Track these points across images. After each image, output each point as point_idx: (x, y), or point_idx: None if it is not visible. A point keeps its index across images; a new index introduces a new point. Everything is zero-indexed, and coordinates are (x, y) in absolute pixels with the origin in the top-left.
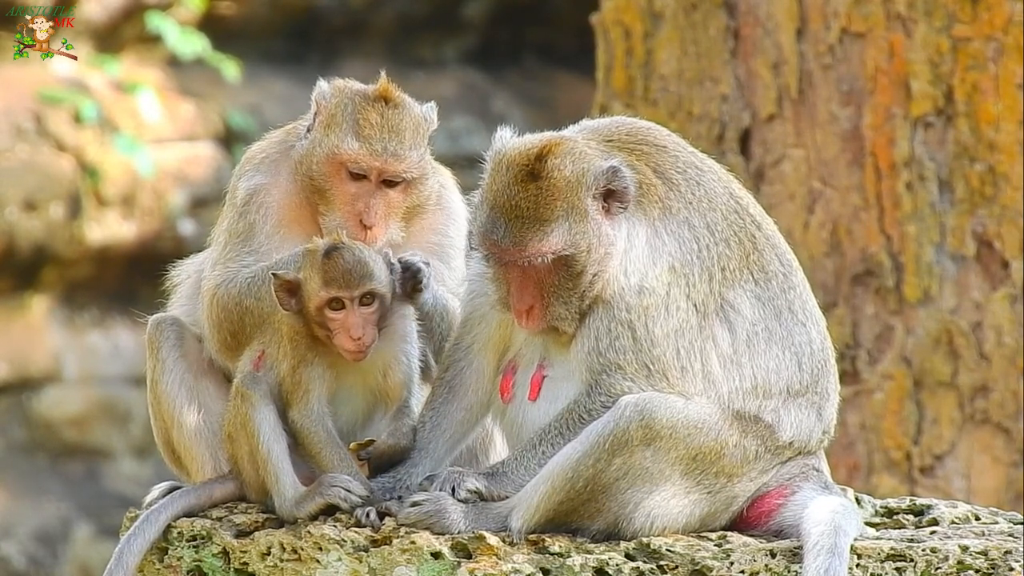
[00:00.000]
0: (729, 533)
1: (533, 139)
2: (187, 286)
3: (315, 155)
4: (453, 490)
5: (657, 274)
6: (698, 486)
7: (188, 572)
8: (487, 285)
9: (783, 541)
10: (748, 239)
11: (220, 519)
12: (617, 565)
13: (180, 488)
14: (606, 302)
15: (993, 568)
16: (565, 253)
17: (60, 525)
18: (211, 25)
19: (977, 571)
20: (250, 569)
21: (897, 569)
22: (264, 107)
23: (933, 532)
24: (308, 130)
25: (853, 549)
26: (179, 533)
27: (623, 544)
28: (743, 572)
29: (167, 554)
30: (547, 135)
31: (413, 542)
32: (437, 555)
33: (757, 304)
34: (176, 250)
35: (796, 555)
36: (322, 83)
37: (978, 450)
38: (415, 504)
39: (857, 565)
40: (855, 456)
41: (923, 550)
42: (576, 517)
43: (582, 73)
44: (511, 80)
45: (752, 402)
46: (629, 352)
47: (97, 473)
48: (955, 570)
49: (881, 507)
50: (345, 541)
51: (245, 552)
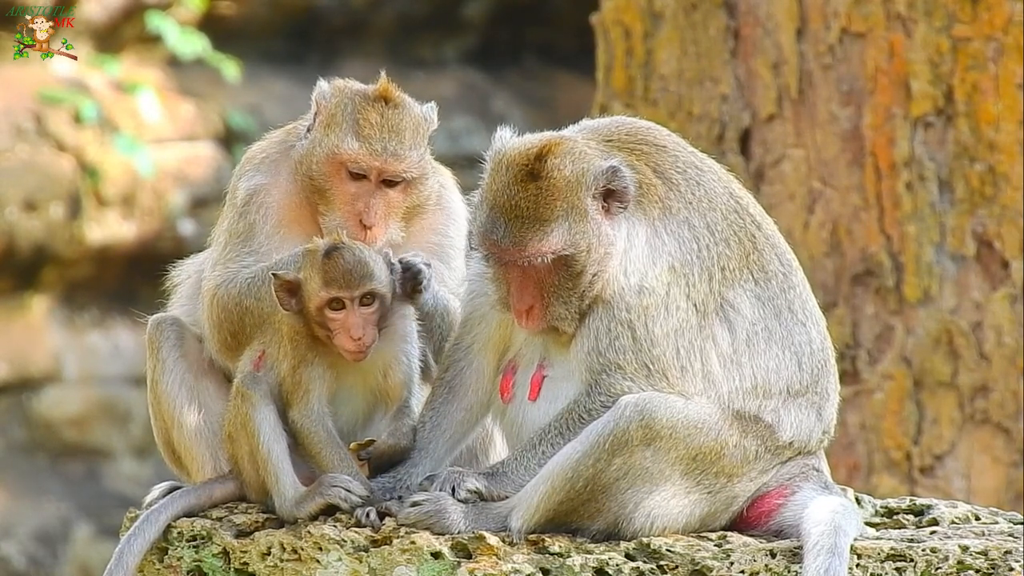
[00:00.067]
0: (729, 533)
1: (533, 139)
2: (187, 286)
3: (315, 155)
4: (453, 490)
5: (657, 274)
6: (698, 486)
7: (188, 572)
8: (487, 285)
9: (783, 541)
10: (748, 239)
11: (220, 519)
12: (617, 565)
13: (180, 488)
14: (606, 302)
15: (993, 568)
16: (565, 253)
17: (60, 525)
18: (211, 25)
19: (977, 571)
20: (250, 569)
21: (897, 569)
22: (264, 107)
23: (933, 532)
24: (308, 130)
25: (853, 549)
26: (179, 533)
27: (623, 544)
28: (743, 572)
29: (167, 554)
30: (547, 135)
31: (413, 542)
32: (437, 555)
33: (757, 304)
34: (176, 250)
35: (796, 555)
36: (322, 83)
37: (978, 450)
38: (415, 504)
39: (857, 565)
40: (855, 456)
41: (923, 550)
42: (576, 517)
43: (582, 73)
44: (511, 80)
45: (752, 402)
46: (629, 352)
47: (97, 473)
48: (955, 570)
49: (881, 507)
50: (345, 541)
51: (245, 552)
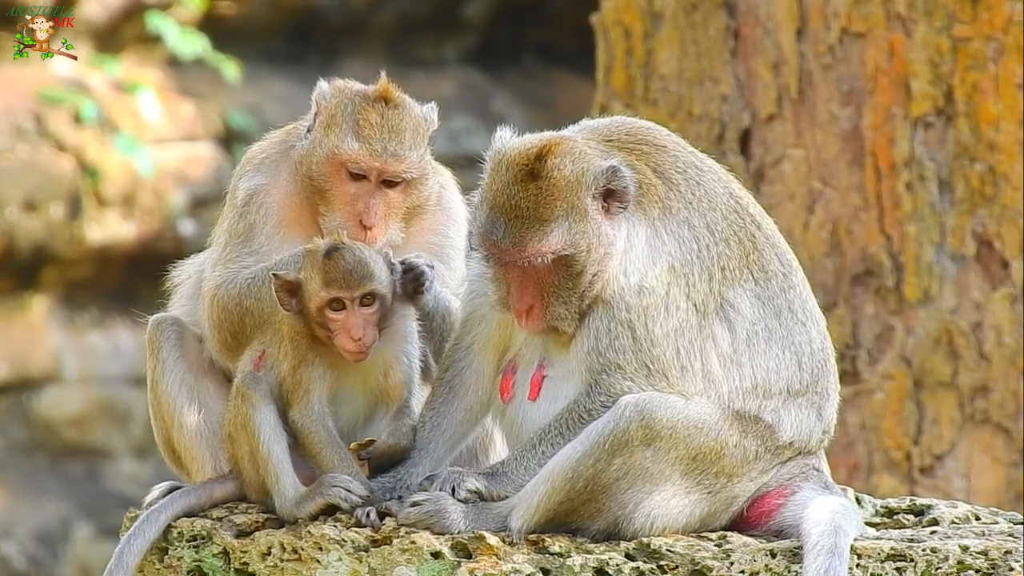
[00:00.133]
0: (729, 533)
1: (533, 139)
2: (188, 286)
3: (315, 155)
4: (453, 490)
5: (657, 274)
6: (698, 486)
7: (188, 572)
8: (487, 285)
9: (783, 541)
10: (748, 239)
11: (220, 519)
12: (617, 565)
13: (180, 488)
14: (606, 302)
15: (993, 568)
16: (565, 253)
17: (60, 525)
18: (211, 25)
19: (977, 571)
20: (250, 569)
21: (897, 569)
22: (264, 107)
23: (933, 532)
24: (308, 130)
25: (853, 549)
26: (179, 533)
27: (623, 544)
28: (743, 572)
29: (167, 554)
30: (547, 135)
31: (413, 542)
32: (437, 555)
33: (757, 304)
34: (176, 250)
35: (796, 555)
36: (322, 83)
37: (978, 450)
38: (415, 504)
39: (857, 565)
40: (855, 456)
41: (923, 550)
42: (576, 517)
43: (582, 73)
44: (511, 80)
45: (752, 402)
46: (629, 352)
47: (97, 473)
48: (955, 570)
49: (881, 507)
50: (345, 541)
51: (245, 552)
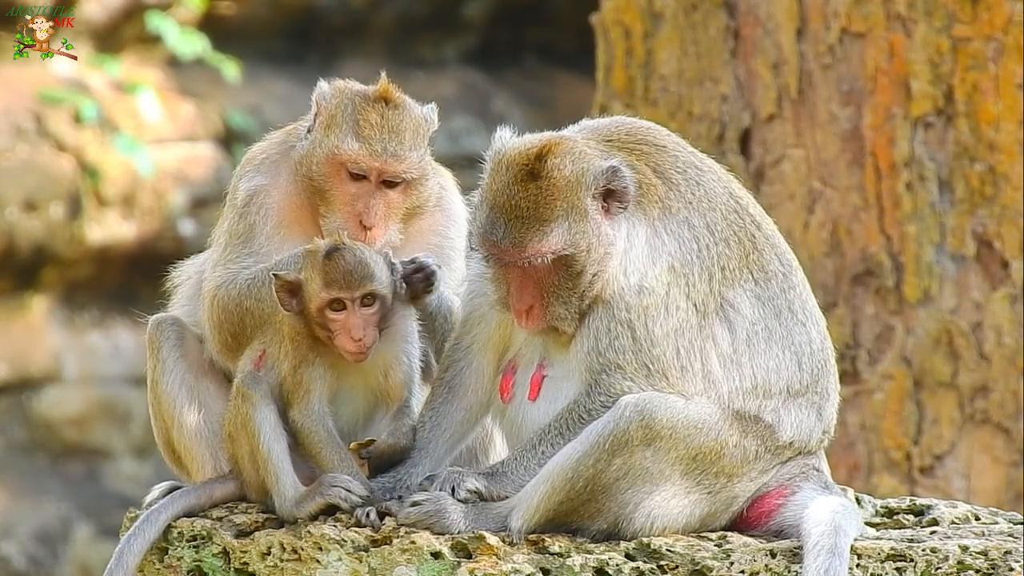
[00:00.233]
0: (729, 533)
1: (533, 139)
2: (188, 287)
3: (315, 156)
4: (453, 490)
5: (657, 274)
6: (698, 486)
7: (188, 572)
8: (487, 285)
9: (783, 541)
10: (748, 239)
11: (220, 519)
12: (617, 565)
13: (180, 488)
14: (606, 302)
15: (993, 568)
16: (565, 253)
17: (60, 525)
18: (211, 25)
19: (977, 571)
20: (250, 569)
21: (897, 569)
22: (264, 107)
23: (933, 532)
24: (308, 131)
25: (853, 549)
26: (179, 533)
27: (623, 544)
28: (743, 572)
29: (167, 554)
30: (547, 135)
31: (413, 542)
32: (437, 555)
33: (757, 304)
34: (176, 250)
35: (796, 555)
36: (322, 84)
37: (978, 450)
38: (415, 504)
39: (857, 565)
40: (855, 456)
41: (923, 550)
42: (576, 517)
43: (582, 73)
44: (511, 80)
45: (752, 402)
46: (629, 352)
47: (97, 473)
48: (955, 570)
49: (881, 507)
50: (345, 541)
51: (245, 552)
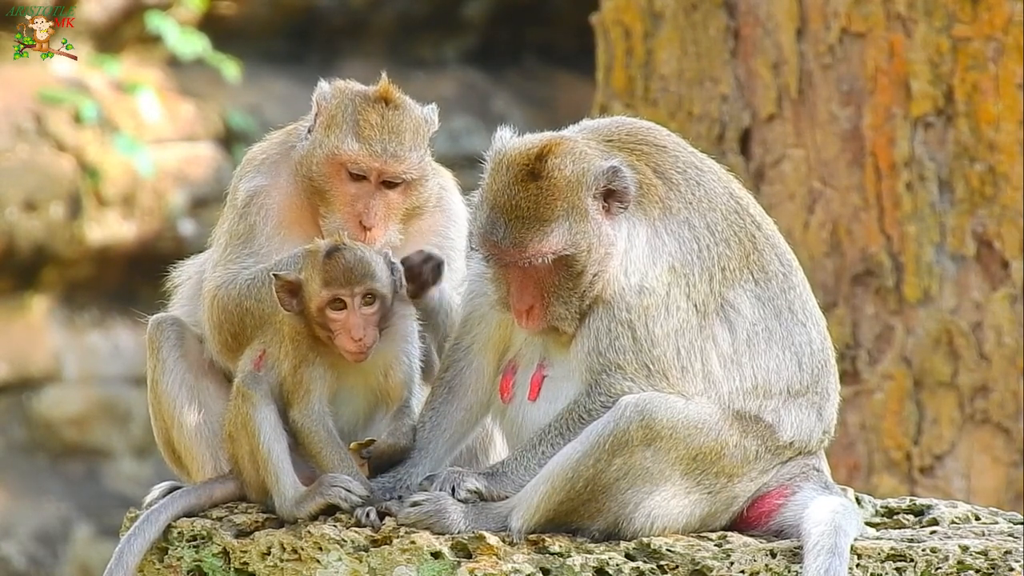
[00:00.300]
0: (729, 533)
1: (533, 139)
2: (188, 287)
3: (315, 156)
4: (453, 490)
5: (657, 274)
6: (698, 486)
7: (188, 572)
8: (487, 285)
9: (783, 541)
10: (748, 239)
11: (220, 519)
12: (617, 565)
13: (180, 488)
14: (606, 302)
15: (993, 568)
16: (565, 253)
17: (60, 525)
18: (211, 25)
19: (977, 571)
20: (250, 569)
21: (897, 569)
22: (264, 107)
23: (933, 532)
24: (309, 131)
25: (853, 549)
26: (179, 533)
27: (623, 544)
28: (743, 572)
29: (167, 554)
30: (547, 135)
31: (413, 542)
32: (437, 555)
33: (757, 304)
34: (176, 250)
35: (796, 555)
36: (323, 84)
37: (978, 450)
38: (415, 504)
39: (857, 565)
40: (855, 456)
41: (923, 550)
42: (576, 517)
43: (582, 73)
44: (511, 80)
45: (752, 402)
46: (629, 352)
47: (97, 473)
48: (955, 570)
49: (881, 507)
50: (345, 541)
51: (245, 552)
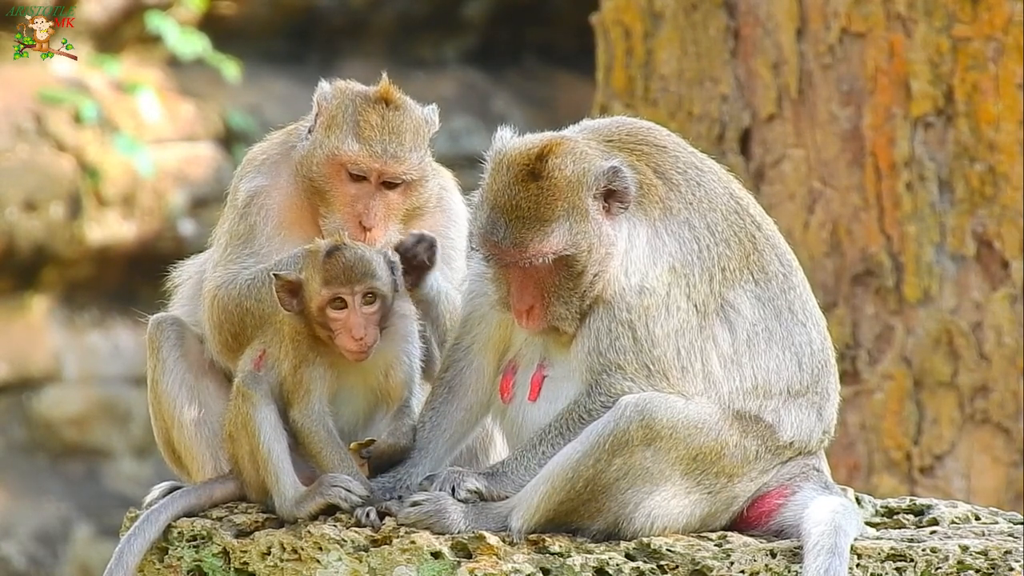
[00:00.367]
0: (729, 533)
1: (534, 139)
2: (188, 287)
3: (315, 156)
4: (453, 490)
5: (657, 274)
6: (698, 486)
7: (188, 572)
8: (487, 285)
9: (783, 541)
10: (748, 239)
11: (220, 519)
12: (617, 565)
13: (180, 488)
14: (607, 302)
15: (993, 568)
16: (566, 253)
17: (60, 525)
18: (211, 25)
19: (977, 571)
20: (250, 569)
21: (897, 569)
22: (264, 107)
23: (933, 532)
24: (309, 131)
25: (853, 549)
26: (179, 533)
27: (623, 544)
28: (743, 572)
29: (167, 554)
30: (547, 135)
31: (413, 542)
32: (437, 555)
33: (757, 304)
34: (176, 250)
35: (796, 555)
36: (323, 84)
37: (978, 450)
38: (415, 504)
39: (857, 565)
40: (855, 456)
41: (923, 550)
42: (576, 517)
43: (582, 73)
44: (511, 80)
45: (752, 402)
46: (629, 352)
47: (97, 473)
48: (955, 570)
49: (881, 507)
50: (345, 541)
51: (245, 552)
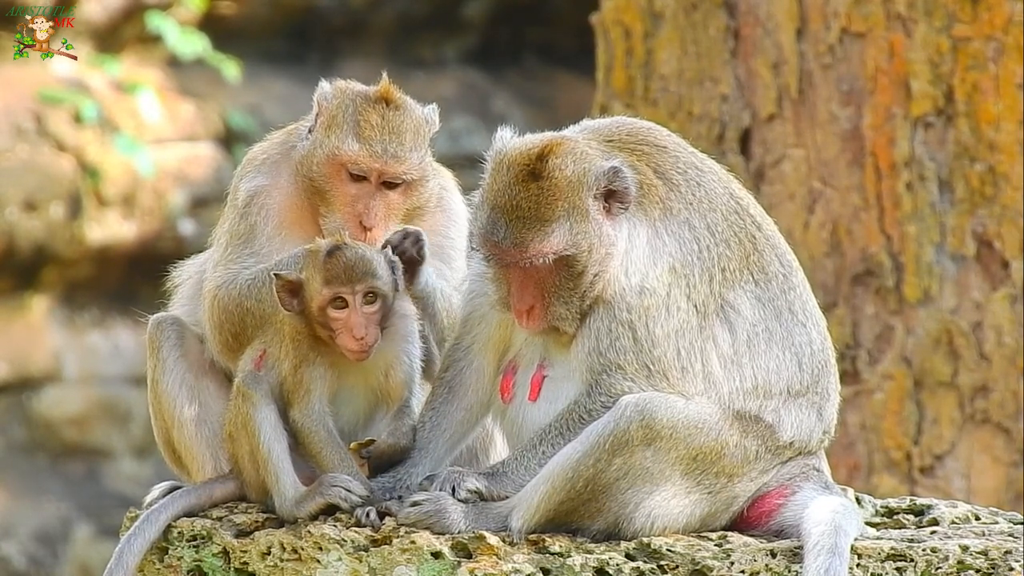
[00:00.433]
0: (729, 533)
1: (534, 139)
2: (188, 286)
3: (316, 156)
4: (453, 490)
5: (658, 274)
6: (698, 486)
7: (188, 572)
8: (487, 285)
9: (783, 541)
10: (748, 240)
11: (220, 519)
12: (617, 565)
13: (180, 488)
14: (607, 302)
15: (993, 568)
16: (566, 253)
17: (60, 525)
18: (211, 25)
19: (977, 571)
20: (250, 569)
21: (897, 569)
22: (264, 107)
23: (933, 532)
24: (309, 131)
25: (853, 549)
26: (179, 533)
27: (623, 544)
28: (743, 572)
29: (167, 554)
30: (548, 135)
31: (413, 542)
32: (437, 555)
33: (757, 305)
34: (176, 250)
35: (796, 555)
36: (324, 84)
37: (978, 450)
38: (415, 504)
39: (857, 565)
40: (855, 456)
41: (923, 550)
42: (576, 517)
43: (582, 73)
44: (511, 80)
45: (753, 402)
46: (630, 352)
47: (97, 473)
48: (955, 570)
49: (881, 507)
50: (345, 541)
51: (245, 552)
